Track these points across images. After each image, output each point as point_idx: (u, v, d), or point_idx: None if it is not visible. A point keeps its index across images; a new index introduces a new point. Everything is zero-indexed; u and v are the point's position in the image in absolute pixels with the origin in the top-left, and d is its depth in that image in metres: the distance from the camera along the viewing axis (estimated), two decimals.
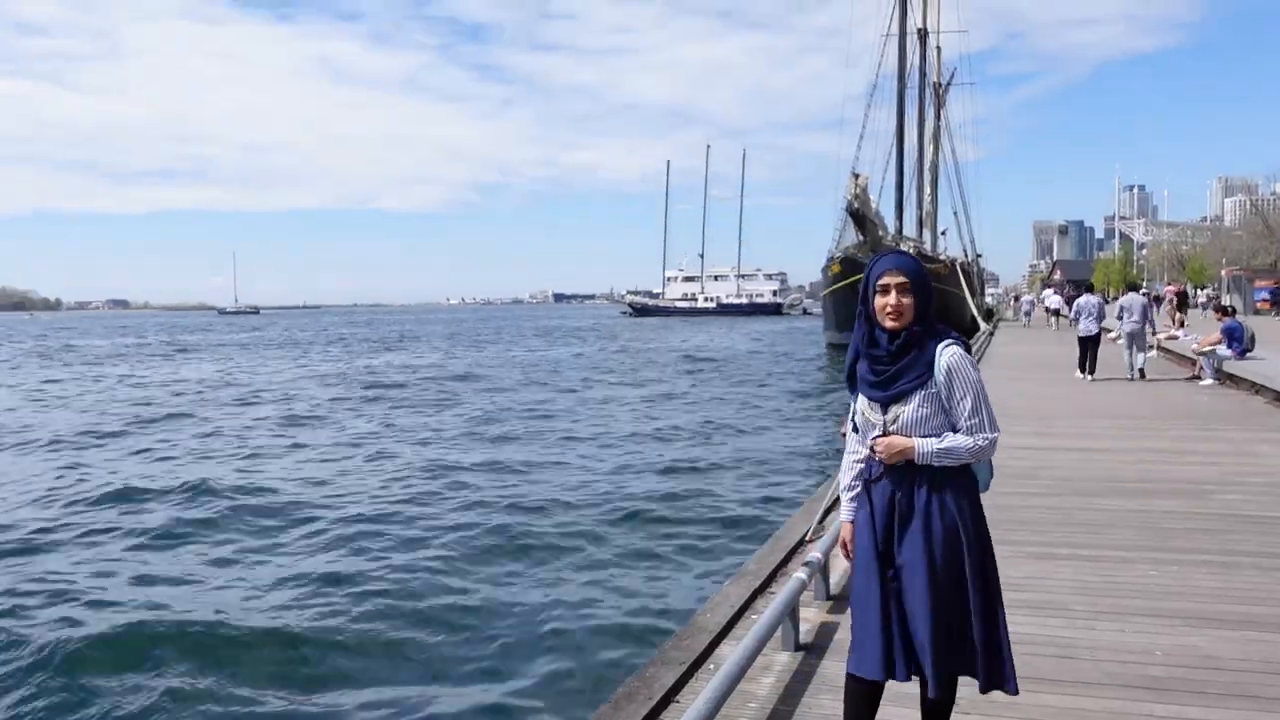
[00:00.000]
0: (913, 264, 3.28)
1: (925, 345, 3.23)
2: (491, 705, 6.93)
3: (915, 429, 3.20)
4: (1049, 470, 9.66)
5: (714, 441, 19.75)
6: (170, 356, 56.72)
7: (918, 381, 3.20)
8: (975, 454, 3.19)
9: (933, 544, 3.20)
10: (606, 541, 11.43)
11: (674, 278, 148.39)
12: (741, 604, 5.59)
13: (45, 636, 8.26)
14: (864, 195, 35.57)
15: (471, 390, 31.88)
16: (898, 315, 3.22)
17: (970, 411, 3.18)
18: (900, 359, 3.23)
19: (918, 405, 3.20)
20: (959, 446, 3.17)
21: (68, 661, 7.75)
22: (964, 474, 3.26)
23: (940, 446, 3.17)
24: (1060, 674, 4.59)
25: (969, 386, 3.19)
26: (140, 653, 7.88)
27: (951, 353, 3.21)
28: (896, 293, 3.22)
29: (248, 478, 15.93)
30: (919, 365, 3.21)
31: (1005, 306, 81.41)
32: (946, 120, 63.91)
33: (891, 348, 3.24)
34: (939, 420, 3.20)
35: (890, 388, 3.23)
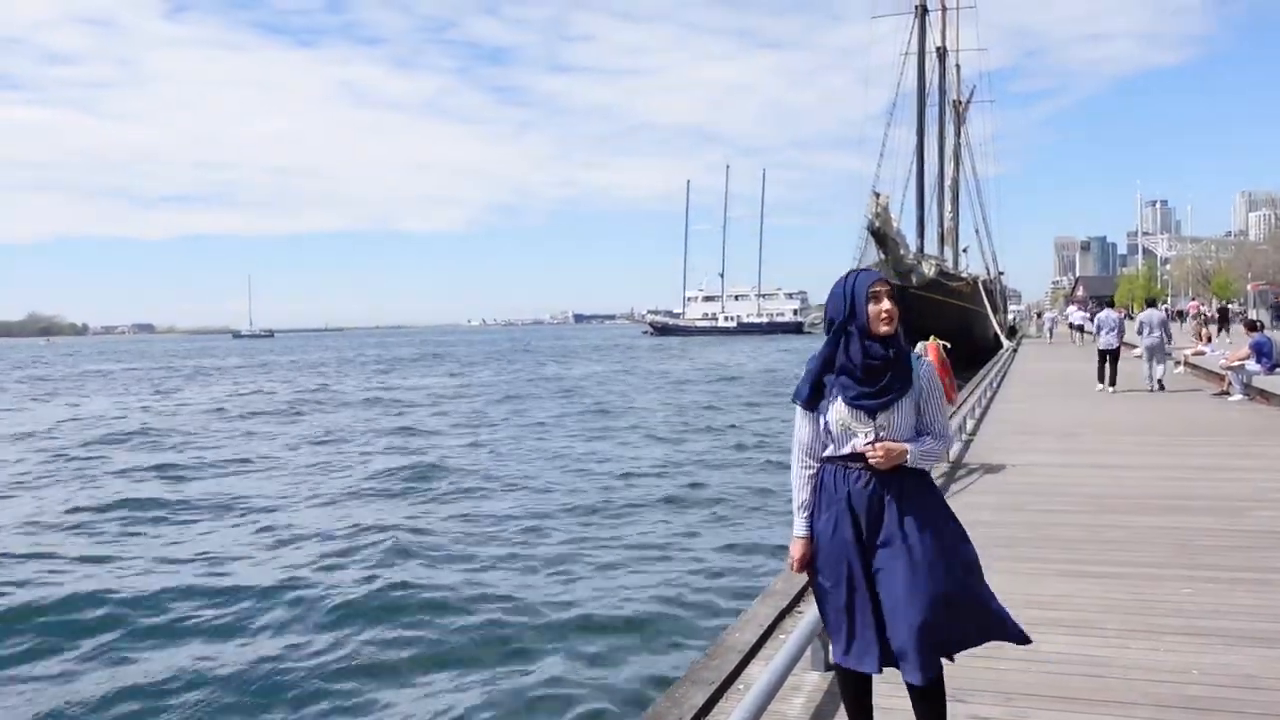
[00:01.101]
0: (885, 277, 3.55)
1: (905, 356, 3.42)
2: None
3: (905, 434, 3.38)
4: (1077, 487, 9.57)
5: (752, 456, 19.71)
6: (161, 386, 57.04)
7: (902, 390, 3.37)
8: (940, 456, 3.49)
9: (921, 531, 3.34)
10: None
11: (694, 297, 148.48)
12: (770, 623, 5.55)
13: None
14: (885, 213, 35.39)
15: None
16: (891, 320, 3.35)
17: (934, 418, 3.45)
18: (894, 366, 3.36)
19: (904, 412, 3.38)
20: (935, 449, 3.43)
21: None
22: (928, 471, 3.53)
23: (921, 449, 3.38)
24: (1093, 693, 4.53)
25: (936, 395, 3.45)
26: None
27: (925, 362, 3.46)
28: (889, 299, 3.37)
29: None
30: (904, 372, 3.38)
31: (1028, 323, 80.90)
32: (967, 137, 63.89)
33: (888, 354, 3.36)
34: (917, 425, 3.43)
35: (884, 395, 3.35)
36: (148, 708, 7.43)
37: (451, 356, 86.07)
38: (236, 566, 11.63)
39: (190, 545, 12.87)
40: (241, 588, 10.56)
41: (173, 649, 8.69)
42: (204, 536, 13.47)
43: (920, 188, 49.65)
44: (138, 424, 29.40)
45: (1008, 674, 4.79)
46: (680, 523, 13.61)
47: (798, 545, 3.55)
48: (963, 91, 63.72)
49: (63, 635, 9.09)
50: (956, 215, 60.09)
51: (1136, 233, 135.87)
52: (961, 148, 62.38)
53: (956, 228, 59.85)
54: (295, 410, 34.11)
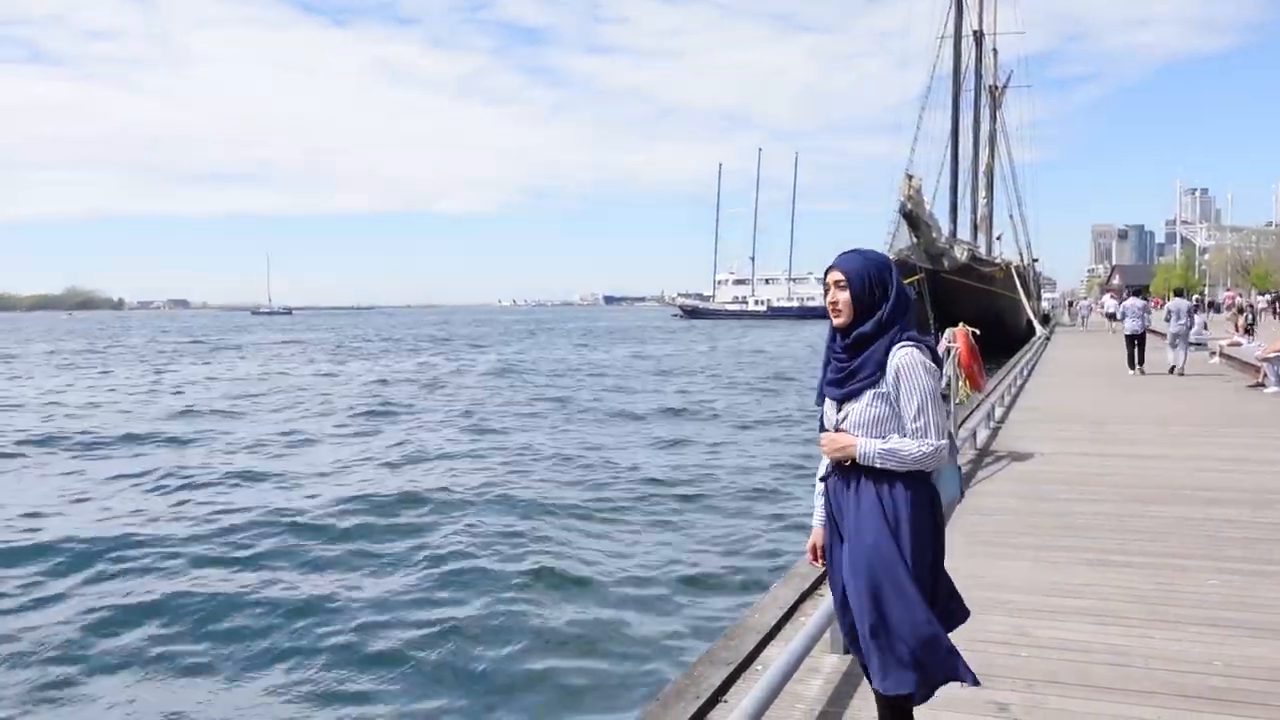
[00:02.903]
0: (855, 261, 3.27)
1: (878, 346, 3.21)
2: (541, 702, 6.97)
3: (865, 429, 3.19)
4: (1104, 476, 9.50)
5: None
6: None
7: (868, 381, 3.20)
8: (918, 460, 3.13)
9: (861, 539, 3.21)
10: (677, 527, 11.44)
11: (724, 280, 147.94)
12: (790, 606, 5.56)
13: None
14: (918, 197, 35.11)
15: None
16: (835, 312, 3.27)
17: (914, 415, 3.15)
18: (854, 357, 3.25)
19: (867, 405, 3.19)
20: (901, 450, 3.13)
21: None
22: (911, 477, 3.20)
23: (883, 448, 3.14)
24: (1114, 682, 4.51)
25: (915, 390, 3.15)
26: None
27: (903, 354, 3.18)
28: (834, 288, 3.27)
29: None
30: (870, 365, 3.20)
31: (1061, 311, 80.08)
32: (1003, 123, 63.00)
33: (844, 344, 3.27)
34: (893, 423, 3.19)
35: (845, 386, 3.25)
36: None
37: (546, 333, 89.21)
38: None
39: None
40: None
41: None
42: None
43: (954, 173, 49.30)
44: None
45: (1029, 661, 4.78)
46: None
47: (812, 534, 3.58)
48: (1000, 76, 62.79)
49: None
50: (991, 201, 59.41)
51: (1175, 221, 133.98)
52: (997, 133, 61.61)
53: (991, 214, 59.18)
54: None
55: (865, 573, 3.20)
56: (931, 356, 3.26)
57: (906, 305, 3.28)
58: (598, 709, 6.86)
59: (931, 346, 3.29)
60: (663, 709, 4.18)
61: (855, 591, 3.24)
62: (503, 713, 6.87)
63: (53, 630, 8.55)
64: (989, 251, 52.64)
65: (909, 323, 3.27)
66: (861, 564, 3.21)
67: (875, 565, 3.17)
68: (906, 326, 3.25)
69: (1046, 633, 5.17)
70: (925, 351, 3.22)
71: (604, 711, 6.77)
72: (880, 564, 3.16)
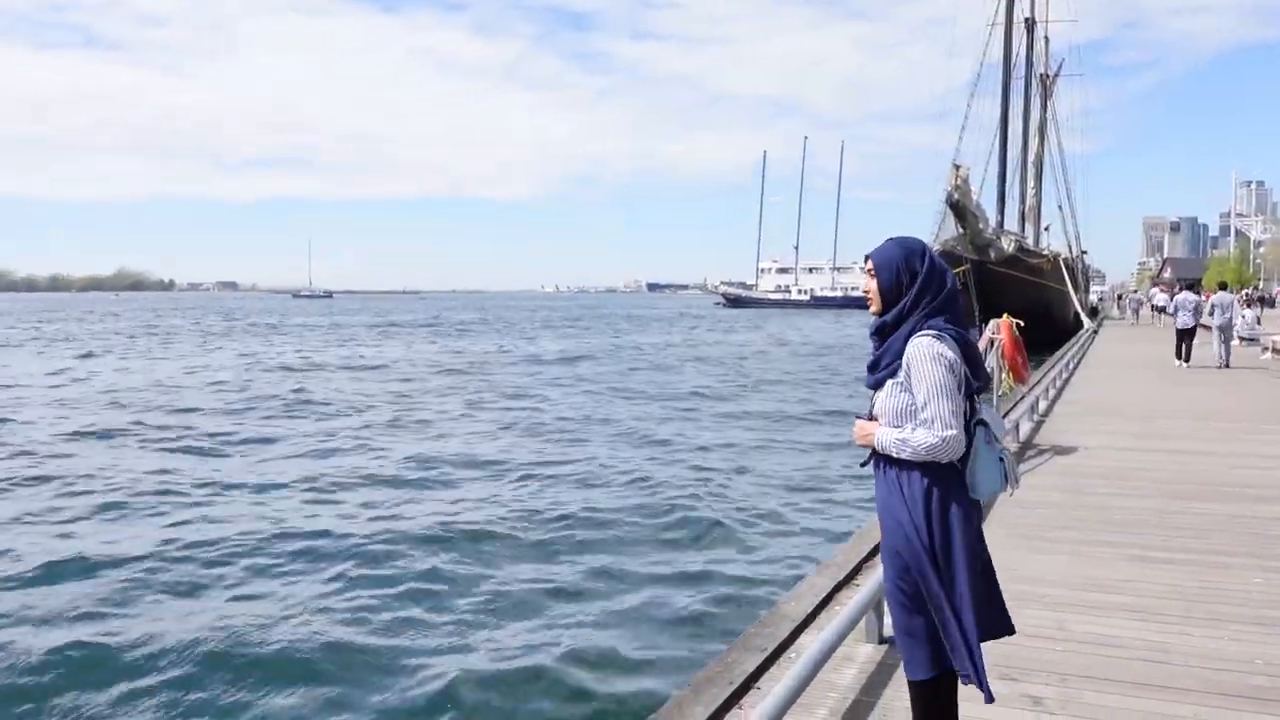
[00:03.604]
0: (887, 250, 3.28)
1: (898, 335, 3.22)
2: (572, 687, 7.01)
3: (888, 418, 3.21)
4: (1148, 472, 9.39)
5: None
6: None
7: (889, 370, 3.22)
8: (927, 451, 3.11)
9: (885, 526, 3.27)
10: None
11: (767, 269, 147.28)
12: (826, 595, 5.57)
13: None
14: (965, 187, 34.69)
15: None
16: (869, 301, 3.34)
17: (922, 405, 3.13)
18: (880, 346, 3.28)
19: (888, 394, 3.21)
20: (912, 440, 3.12)
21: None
22: (932, 466, 3.17)
23: (897, 437, 3.15)
24: (1152, 679, 4.47)
25: (923, 380, 3.12)
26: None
27: (915, 344, 3.16)
28: (867, 277, 3.33)
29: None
30: (890, 354, 3.22)
31: (1110, 304, 78.85)
32: (1054, 112, 61.93)
33: (872, 332, 3.32)
34: (915, 413, 3.17)
35: (873, 374, 3.29)
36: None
37: (606, 320, 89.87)
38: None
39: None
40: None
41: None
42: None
43: (1003, 162, 48.45)
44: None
45: (1065, 655, 4.76)
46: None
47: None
48: (1051, 64, 61.71)
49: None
50: (1040, 192, 58.52)
51: (1230, 214, 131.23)
52: (1047, 122, 60.57)
53: (1039, 204, 58.31)
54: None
55: (890, 559, 3.26)
56: (957, 347, 3.18)
57: (937, 294, 3.23)
58: (631, 692, 6.89)
59: (957, 336, 3.21)
60: (695, 694, 4.21)
61: (885, 576, 3.33)
62: (534, 694, 6.93)
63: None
64: (1037, 243, 51.91)
65: (939, 311, 3.21)
66: (887, 549, 3.28)
67: (898, 551, 3.21)
68: (934, 315, 3.20)
69: (1084, 627, 5.14)
70: (945, 341, 3.15)
71: (636, 697, 6.79)
72: (903, 550, 3.20)
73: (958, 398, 3.14)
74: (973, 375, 3.23)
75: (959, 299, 3.31)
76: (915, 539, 3.16)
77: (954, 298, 3.28)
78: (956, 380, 3.14)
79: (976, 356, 3.29)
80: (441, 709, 6.68)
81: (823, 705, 4.24)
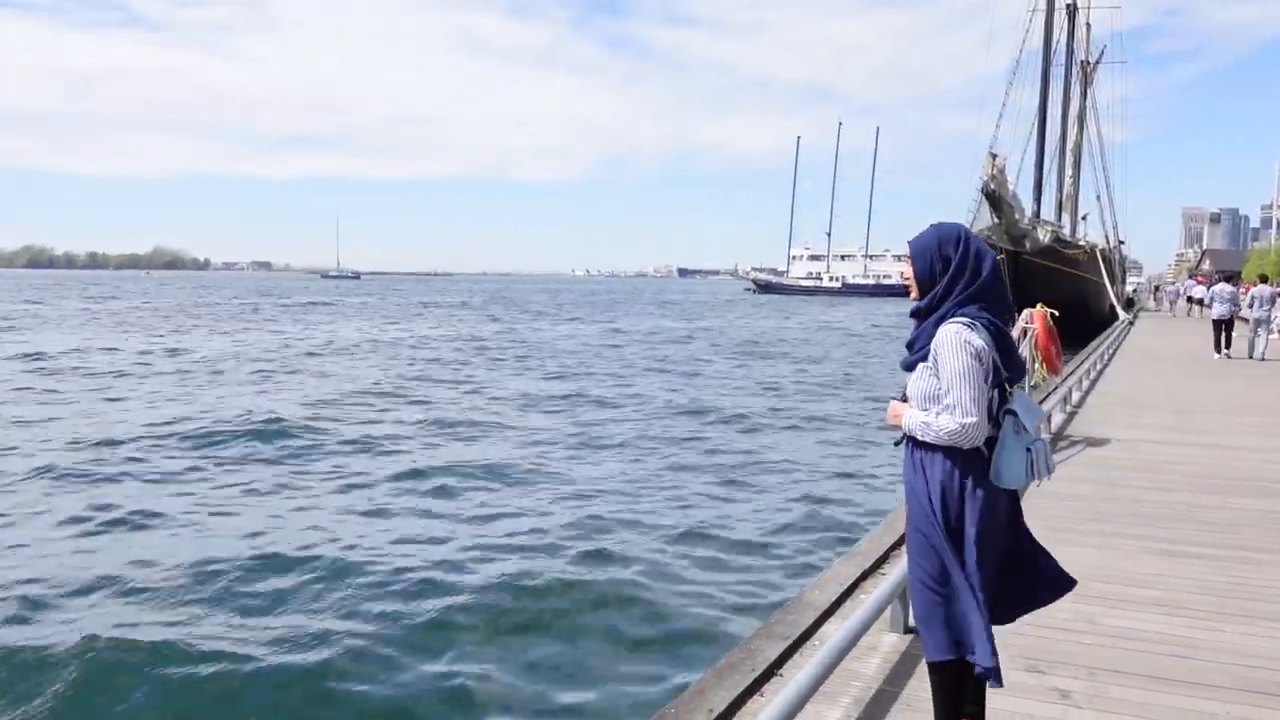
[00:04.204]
0: (924, 237, 3.33)
1: (930, 321, 3.28)
2: (591, 672, 7.01)
3: (917, 401, 3.29)
4: (1180, 465, 9.28)
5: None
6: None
7: (920, 355, 3.29)
8: (948, 436, 3.15)
9: (908, 507, 3.36)
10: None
11: (799, 256, 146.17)
12: (850, 583, 5.55)
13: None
14: (1001, 177, 34.27)
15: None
16: (908, 286, 3.44)
17: (945, 390, 3.18)
18: (916, 330, 3.35)
19: (918, 378, 3.28)
20: (935, 425, 3.18)
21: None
22: (955, 452, 3.20)
23: (922, 420, 3.22)
24: (1179, 674, 4.43)
25: (947, 366, 3.17)
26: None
27: (944, 330, 3.20)
28: (907, 263, 3.40)
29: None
30: (922, 339, 3.29)
31: (1147, 296, 77.85)
32: (1094, 100, 60.97)
33: (914, 315, 3.39)
34: (940, 397, 3.23)
35: (910, 355, 3.36)
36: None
37: (674, 305, 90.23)
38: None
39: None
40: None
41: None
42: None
43: (1040, 151, 47.81)
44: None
45: (1092, 649, 4.72)
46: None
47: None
48: (1092, 51, 60.81)
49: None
50: (1077, 181, 57.75)
51: (1272, 205, 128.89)
52: (1087, 110, 59.61)
53: (1076, 194, 57.55)
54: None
55: (914, 537, 3.34)
56: (988, 335, 3.18)
57: (971, 281, 3.23)
58: (652, 676, 6.90)
59: (989, 325, 3.21)
60: (717, 679, 4.22)
61: (908, 555, 3.42)
62: (554, 677, 6.93)
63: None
64: (1073, 233, 51.29)
65: (974, 299, 3.22)
66: (911, 528, 3.36)
67: (920, 531, 3.29)
68: (968, 302, 3.22)
69: (1112, 621, 5.10)
70: (975, 330, 3.17)
71: (658, 680, 6.81)
72: (924, 530, 3.27)
73: (982, 385, 3.16)
74: (1004, 365, 3.23)
75: (997, 287, 3.30)
76: (934, 520, 3.22)
77: (991, 285, 3.28)
78: (984, 368, 3.16)
79: (1010, 346, 3.29)
80: (457, 690, 6.68)
81: (846, 694, 4.23)
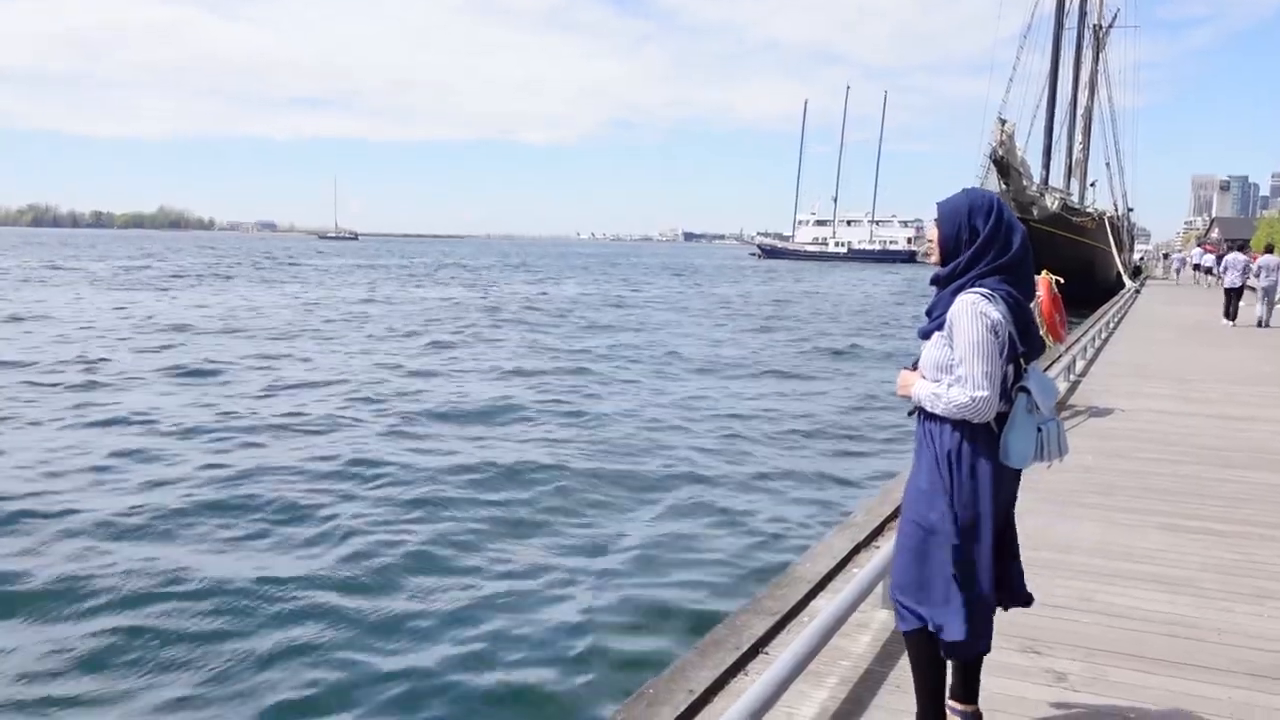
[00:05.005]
0: (954, 201, 3.21)
1: (949, 290, 3.18)
2: (572, 646, 6.78)
3: (930, 370, 3.20)
4: (1188, 437, 9.07)
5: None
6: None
7: (936, 324, 3.19)
8: (958, 409, 3.06)
9: (913, 475, 3.30)
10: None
11: (805, 221, 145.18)
12: (844, 556, 5.37)
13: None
14: (1010, 143, 33.94)
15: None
16: (929, 250, 3.34)
17: (957, 362, 3.09)
18: (935, 297, 3.26)
19: (933, 346, 3.19)
20: (944, 396, 3.10)
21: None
22: (964, 425, 3.11)
23: (932, 391, 3.14)
24: (1183, 656, 4.24)
25: (962, 338, 3.07)
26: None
27: (960, 301, 3.10)
28: (931, 225, 3.30)
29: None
30: (939, 308, 3.20)
31: (1154, 264, 77.38)
32: (1105, 65, 60.14)
33: (934, 282, 3.28)
34: (952, 367, 3.15)
35: (925, 324, 3.28)
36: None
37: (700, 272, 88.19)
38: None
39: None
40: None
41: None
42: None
43: (1050, 116, 47.37)
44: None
45: (1091, 628, 4.54)
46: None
47: None
48: (1104, 15, 60.07)
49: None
50: (1087, 147, 57.16)
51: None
52: (1098, 76, 58.98)
53: (1086, 160, 56.97)
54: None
55: (911, 501, 3.27)
56: (1006, 309, 3.09)
57: (1000, 254, 3.14)
58: (635, 652, 6.68)
59: (1008, 298, 3.11)
60: (700, 657, 4.05)
61: (900, 517, 3.35)
62: (526, 653, 6.70)
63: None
64: (1081, 200, 50.82)
65: (998, 272, 3.13)
66: (911, 488, 3.29)
67: (912, 505, 3.25)
68: (991, 275, 3.13)
69: (1113, 599, 4.90)
70: (993, 302, 3.08)
71: (642, 660, 6.57)
72: (917, 505, 3.22)
73: (996, 360, 3.06)
74: (1020, 340, 3.13)
75: (1025, 263, 3.19)
76: (938, 491, 3.15)
77: (1019, 261, 3.19)
78: (998, 342, 3.07)
79: (1028, 321, 3.18)
80: (437, 661, 6.47)
81: (833, 674, 4.06)
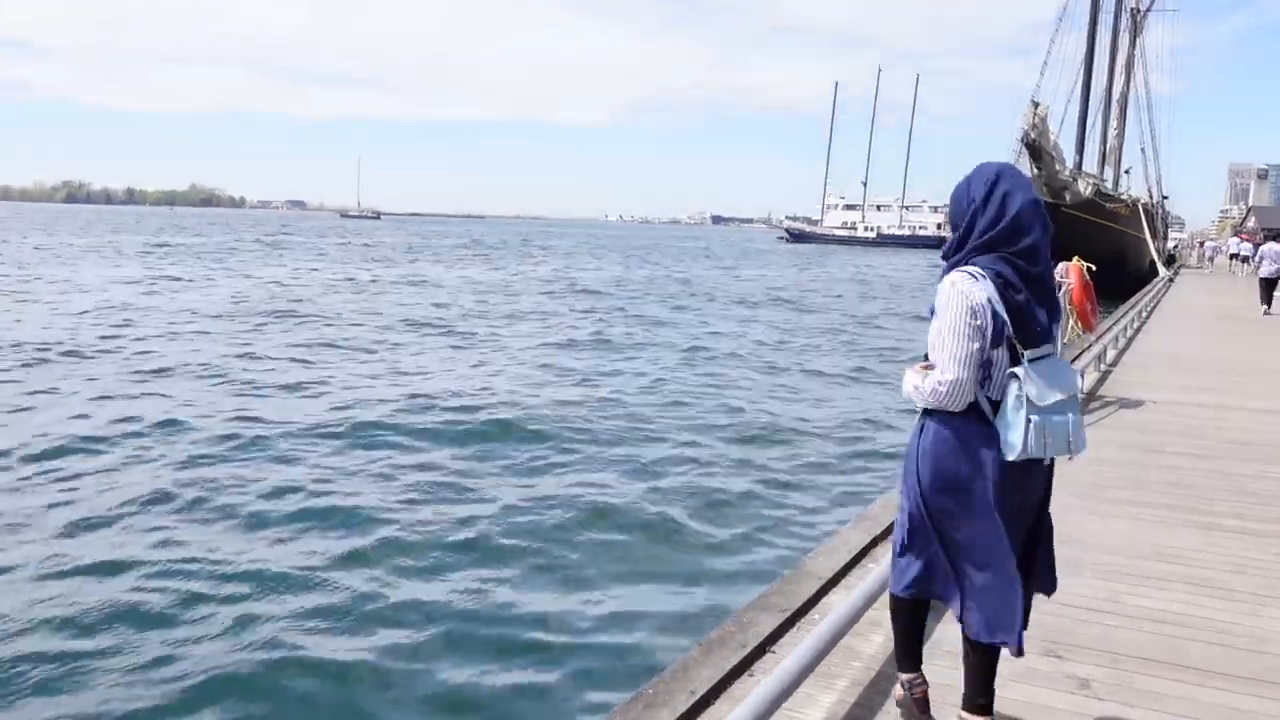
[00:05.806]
0: (967, 178, 3.04)
1: (947, 267, 3.04)
2: (572, 642, 6.61)
3: (930, 354, 3.04)
4: (1221, 430, 8.80)
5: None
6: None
7: (932, 306, 3.04)
8: (928, 396, 2.95)
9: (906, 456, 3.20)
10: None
11: (834, 205, 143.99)
12: (859, 550, 5.15)
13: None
14: (1042, 126, 33.32)
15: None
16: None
17: (931, 346, 2.98)
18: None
19: (930, 333, 3.03)
20: (922, 386, 2.97)
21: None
22: (947, 417, 2.97)
23: (914, 384, 3.02)
24: (1214, 664, 4.02)
25: (936, 321, 2.96)
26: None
27: (945, 281, 2.97)
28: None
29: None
30: (937, 290, 3.03)
31: (1188, 252, 76.21)
32: (1142, 49, 59.01)
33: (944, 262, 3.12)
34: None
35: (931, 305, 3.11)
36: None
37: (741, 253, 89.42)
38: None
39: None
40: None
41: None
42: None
43: (1085, 101, 46.51)
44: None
45: (1118, 631, 4.33)
46: None
47: None
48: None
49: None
50: (1122, 133, 56.22)
51: None
52: (1135, 60, 57.92)
53: (1120, 146, 56.04)
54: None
55: (907, 482, 3.16)
56: (994, 289, 2.86)
57: (994, 223, 2.92)
58: (636, 649, 6.50)
59: (998, 277, 2.88)
60: (704, 656, 3.86)
61: (902, 486, 3.23)
62: (527, 650, 6.53)
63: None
64: (1115, 186, 50.01)
65: (995, 245, 2.91)
66: (906, 471, 3.19)
67: (903, 494, 3.18)
68: (984, 250, 2.92)
69: (1140, 601, 4.68)
70: (979, 281, 2.87)
71: (646, 655, 6.39)
72: (906, 495, 3.15)
73: (966, 343, 2.86)
74: (1014, 324, 2.88)
75: (1030, 234, 2.91)
76: (913, 484, 3.08)
77: (1018, 231, 2.91)
78: (979, 324, 2.85)
79: (1020, 305, 2.90)
80: (440, 658, 6.31)
81: (844, 675, 3.87)
